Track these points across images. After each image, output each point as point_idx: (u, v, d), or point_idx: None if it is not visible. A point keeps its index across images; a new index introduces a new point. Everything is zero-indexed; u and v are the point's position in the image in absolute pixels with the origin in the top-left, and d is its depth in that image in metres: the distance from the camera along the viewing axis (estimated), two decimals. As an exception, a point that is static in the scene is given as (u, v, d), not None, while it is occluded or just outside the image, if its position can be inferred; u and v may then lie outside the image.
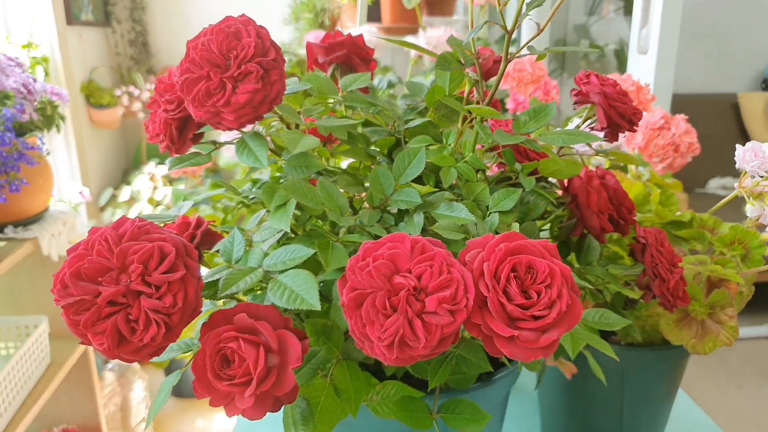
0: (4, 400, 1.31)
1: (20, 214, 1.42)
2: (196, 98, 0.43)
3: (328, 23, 2.40)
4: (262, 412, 0.37)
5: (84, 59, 2.97)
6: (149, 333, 0.35)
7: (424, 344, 0.36)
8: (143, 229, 0.37)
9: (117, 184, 3.14)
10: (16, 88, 1.31)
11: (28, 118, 1.33)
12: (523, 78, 1.07)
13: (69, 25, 2.83)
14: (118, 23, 3.31)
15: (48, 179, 1.48)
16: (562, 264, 0.39)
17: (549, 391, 0.85)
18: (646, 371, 0.75)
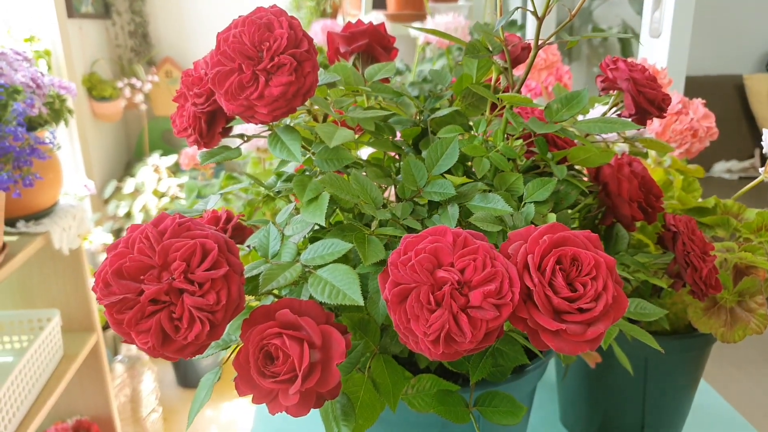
0: (21, 393, 1.31)
1: (31, 209, 1.41)
2: (229, 91, 0.42)
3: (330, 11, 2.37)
4: (307, 409, 0.37)
5: (85, 52, 2.95)
6: (193, 331, 0.34)
7: (470, 339, 0.35)
8: (184, 226, 0.36)
9: (120, 177, 3.13)
10: (25, 83, 1.30)
11: (38, 112, 1.32)
12: (537, 64, 1.06)
13: (70, 18, 2.81)
14: (118, 15, 3.28)
15: (58, 173, 1.47)
16: (606, 255, 0.39)
17: (569, 380, 0.85)
18: (670, 360, 0.74)
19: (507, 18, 0.50)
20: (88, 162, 2.83)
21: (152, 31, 3.48)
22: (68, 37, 2.71)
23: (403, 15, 1.60)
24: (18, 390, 1.30)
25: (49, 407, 1.39)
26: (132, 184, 2.87)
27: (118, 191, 2.92)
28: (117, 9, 3.30)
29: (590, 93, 0.60)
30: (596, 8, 3.15)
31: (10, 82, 1.24)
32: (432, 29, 0.53)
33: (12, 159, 1.07)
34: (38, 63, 2.54)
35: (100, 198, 2.96)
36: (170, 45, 3.47)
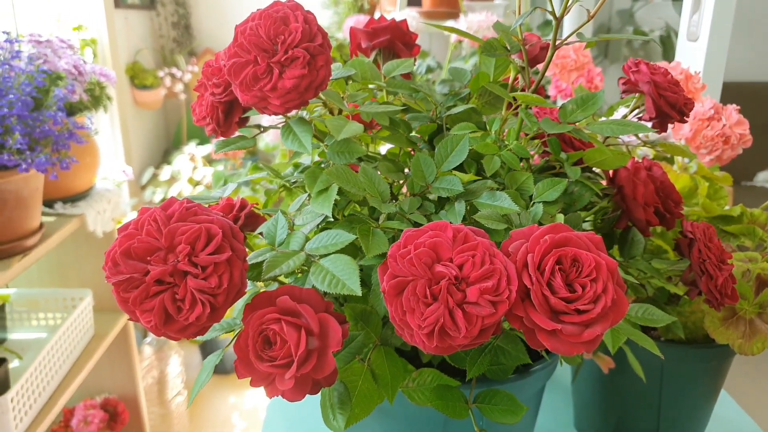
0: (52, 367, 1.36)
1: (68, 191, 1.46)
2: (244, 82, 0.43)
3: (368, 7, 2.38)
4: (302, 394, 0.38)
5: (129, 41, 3.03)
6: (195, 312, 0.35)
7: (464, 334, 0.36)
8: (191, 210, 0.37)
9: (158, 164, 3.21)
10: (67, 70, 1.35)
11: (78, 98, 1.37)
12: (566, 65, 1.04)
13: (116, 8, 2.89)
14: (163, 6, 3.36)
15: (95, 158, 1.52)
16: (608, 257, 0.38)
17: (583, 384, 0.84)
18: (687, 369, 0.73)
19: (524, 17, 0.49)
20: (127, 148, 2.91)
21: (194, 22, 3.55)
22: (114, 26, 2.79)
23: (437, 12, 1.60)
24: (49, 365, 1.35)
25: (78, 383, 1.44)
26: (168, 171, 2.94)
27: (155, 178, 3.00)
28: (161, 0, 3.37)
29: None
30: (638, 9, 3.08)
31: (53, 68, 1.29)
32: (449, 27, 0.53)
33: (51, 142, 1.11)
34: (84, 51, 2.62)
35: (138, 184, 3.04)
36: (211, 36, 3.54)
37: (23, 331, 1.52)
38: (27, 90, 1.07)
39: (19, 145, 1.03)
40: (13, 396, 1.19)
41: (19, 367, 1.30)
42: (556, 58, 1.06)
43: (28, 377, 1.25)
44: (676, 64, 1.01)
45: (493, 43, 0.51)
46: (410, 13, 1.43)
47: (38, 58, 1.26)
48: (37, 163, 1.03)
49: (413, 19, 1.47)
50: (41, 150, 1.07)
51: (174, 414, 2.15)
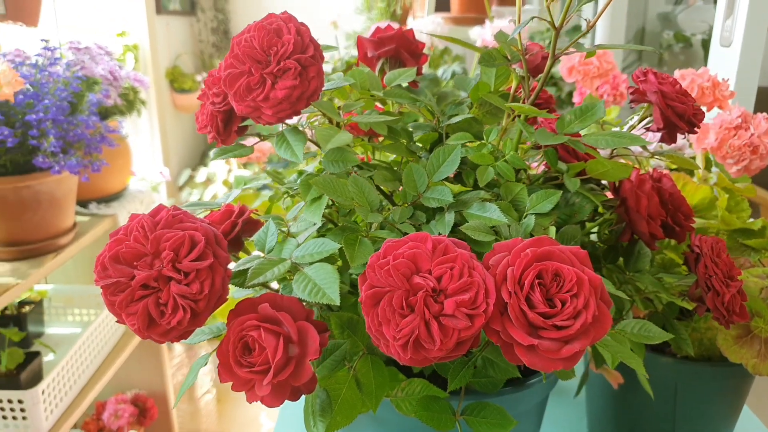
0: (83, 361, 1.41)
1: (103, 192, 1.52)
2: (237, 93, 0.44)
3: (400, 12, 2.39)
4: (280, 401, 0.38)
5: (170, 46, 3.12)
6: (176, 317, 0.36)
7: (439, 347, 0.36)
8: (177, 217, 0.39)
9: (195, 166, 3.29)
10: (104, 75, 1.40)
11: (113, 102, 1.42)
12: (588, 72, 1.03)
13: (158, 15, 2.98)
14: (203, 12, 3.44)
15: (128, 160, 1.57)
16: (592, 273, 0.38)
17: (597, 399, 0.82)
18: (702, 387, 0.71)
19: (522, 26, 0.49)
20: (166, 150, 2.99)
21: (232, 27, 3.63)
22: (155, 32, 2.88)
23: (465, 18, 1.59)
24: (80, 359, 1.40)
25: (108, 378, 1.48)
26: (204, 173, 3.01)
27: (192, 180, 3.07)
28: (202, 6, 3.46)
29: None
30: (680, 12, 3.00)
31: (90, 74, 1.34)
32: (448, 36, 0.53)
33: (84, 146, 1.15)
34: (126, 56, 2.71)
35: (176, 185, 3.12)
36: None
37: (59, 326, 1.58)
38: (63, 95, 1.12)
39: (53, 148, 1.07)
40: (44, 388, 1.24)
41: (53, 361, 1.35)
42: (579, 65, 1.05)
43: (59, 371, 1.30)
44: (704, 71, 0.99)
45: (492, 53, 0.51)
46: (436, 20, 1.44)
47: (76, 65, 1.31)
48: (69, 166, 1.07)
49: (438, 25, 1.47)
50: (74, 153, 1.12)
51: (202, 411, 2.19)
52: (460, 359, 0.44)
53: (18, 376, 1.22)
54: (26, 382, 1.23)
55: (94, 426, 1.77)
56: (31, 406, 1.21)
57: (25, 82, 1.07)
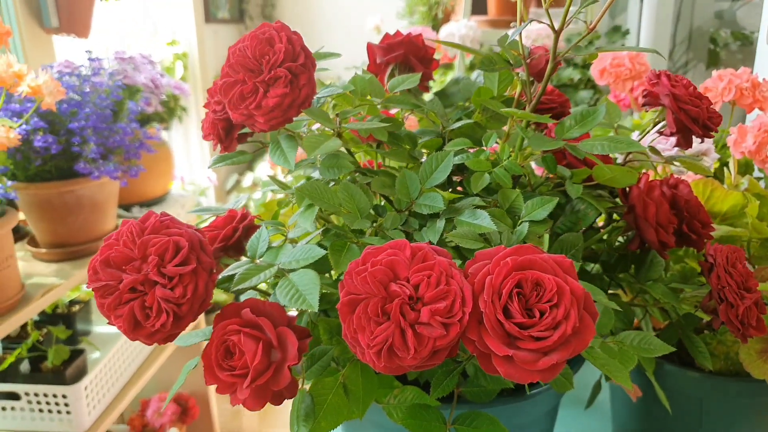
0: (125, 360, 1.47)
1: (145, 196, 1.57)
2: (232, 101, 0.45)
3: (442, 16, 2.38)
4: (261, 404, 0.39)
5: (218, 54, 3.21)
6: (160, 320, 0.38)
7: (413, 355, 0.35)
8: (164, 223, 0.40)
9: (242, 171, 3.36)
10: (145, 83, 1.45)
11: (154, 109, 1.47)
12: (620, 74, 0.99)
13: (207, 23, 3.07)
14: (251, 20, 3.53)
15: (170, 165, 1.62)
16: (574, 282, 0.37)
17: (622, 411, 0.79)
18: (728, 403, 0.67)
19: (520, 29, 0.48)
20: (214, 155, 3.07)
21: (280, 35, 3.69)
22: (204, 40, 2.97)
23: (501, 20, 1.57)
24: (123, 357, 1.46)
25: (150, 376, 1.54)
26: (250, 178, 3.08)
27: (238, 184, 3.15)
28: (250, 14, 3.54)
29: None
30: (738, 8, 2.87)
31: (132, 83, 1.39)
32: (443, 41, 0.53)
33: (123, 152, 1.20)
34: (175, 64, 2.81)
35: (223, 189, 3.20)
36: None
37: (106, 325, 1.64)
38: (104, 104, 1.17)
39: (93, 154, 1.12)
40: (87, 384, 1.29)
41: (98, 359, 1.41)
42: (610, 68, 1.02)
43: (102, 368, 1.36)
44: (743, 71, 0.94)
45: (492, 57, 0.51)
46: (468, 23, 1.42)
47: (119, 74, 1.37)
48: (107, 171, 1.12)
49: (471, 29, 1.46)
50: (113, 159, 1.16)
51: (244, 410, 2.24)
52: (444, 368, 0.43)
53: (63, 372, 1.28)
54: (71, 378, 1.29)
55: (139, 422, 1.84)
56: (75, 401, 1.27)
57: (68, 91, 1.12)
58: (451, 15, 2.43)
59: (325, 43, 3.59)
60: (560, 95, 0.65)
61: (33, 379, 1.28)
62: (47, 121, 1.12)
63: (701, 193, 0.73)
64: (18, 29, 1.65)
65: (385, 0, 3.10)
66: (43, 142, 1.07)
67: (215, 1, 3.22)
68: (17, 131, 1.00)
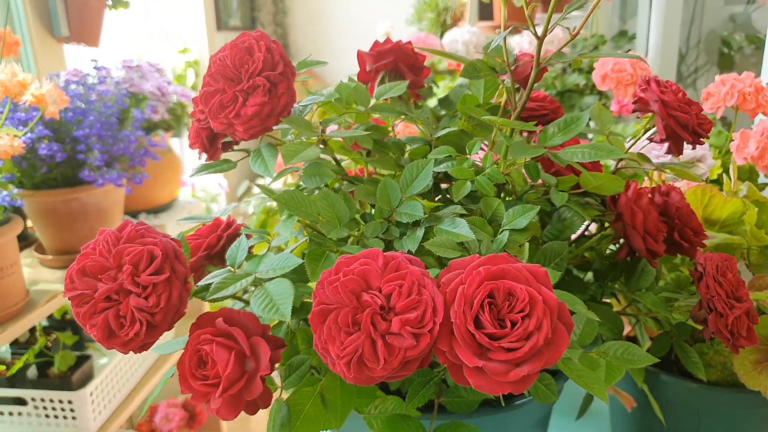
0: (131, 367, 1.48)
1: (153, 203, 1.59)
2: (212, 110, 0.46)
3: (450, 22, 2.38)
4: (234, 414, 0.39)
5: (229, 61, 3.23)
6: (133, 329, 0.38)
7: (382, 366, 0.35)
8: (140, 232, 0.40)
9: (254, 177, 3.38)
10: (152, 91, 1.47)
11: (160, 117, 1.49)
12: (622, 79, 0.98)
13: (218, 31, 3.10)
14: (263, 27, 3.55)
15: (177, 172, 1.64)
16: (548, 293, 0.36)
17: (620, 421, 0.78)
18: (726, 414, 0.66)
19: (502, 36, 0.48)
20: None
21: (291, 42, 3.73)
22: (215, 48, 3.00)
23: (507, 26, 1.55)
24: (129, 363, 1.47)
25: (155, 382, 1.54)
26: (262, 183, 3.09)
27: (249, 191, 3.16)
28: (262, 22, 3.57)
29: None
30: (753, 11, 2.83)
31: (138, 91, 1.41)
32: (432, 49, 0.53)
33: (127, 159, 1.22)
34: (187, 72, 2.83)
35: (234, 196, 3.22)
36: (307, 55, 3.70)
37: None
38: (109, 112, 1.18)
39: (98, 162, 1.13)
40: (93, 390, 1.30)
41: (104, 364, 1.42)
42: (611, 73, 1.01)
43: (107, 374, 1.37)
44: (746, 75, 0.93)
45: (476, 65, 0.50)
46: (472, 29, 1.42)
47: (126, 82, 1.39)
48: (111, 178, 1.13)
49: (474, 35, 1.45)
50: (118, 166, 1.18)
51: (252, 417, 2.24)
52: (422, 377, 0.43)
53: (69, 378, 1.30)
54: (77, 384, 1.30)
55: (147, 428, 1.85)
56: (80, 406, 1.28)
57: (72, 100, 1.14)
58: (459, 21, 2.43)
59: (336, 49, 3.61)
60: (552, 101, 0.64)
61: (39, 384, 1.30)
62: (53, 129, 1.14)
63: (699, 199, 0.72)
64: (30, 39, 1.68)
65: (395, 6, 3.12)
66: (47, 150, 1.08)
67: (227, 9, 3.25)
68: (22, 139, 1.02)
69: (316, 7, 3.65)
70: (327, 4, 3.62)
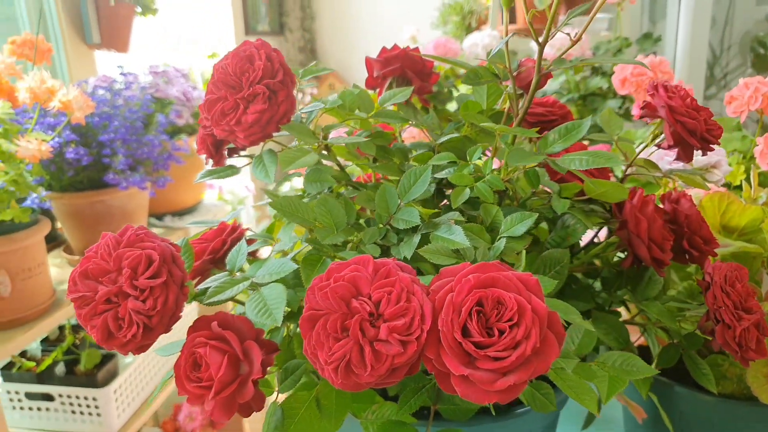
0: (155, 365, 1.51)
1: (178, 205, 1.62)
2: (214, 117, 0.47)
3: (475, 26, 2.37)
4: (228, 416, 0.39)
5: (258, 66, 3.28)
6: (131, 331, 0.39)
7: (369, 372, 0.35)
8: (140, 237, 0.41)
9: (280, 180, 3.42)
10: (177, 96, 1.50)
11: (185, 122, 1.52)
12: (641, 83, 0.97)
13: (247, 35, 3.15)
14: (290, 32, 3.59)
15: (202, 176, 1.67)
16: (538, 301, 0.36)
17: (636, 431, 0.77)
18: (742, 429, 0.64)
19: (503, 42, 0.48)
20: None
21: (319, 47, 3.76)
22: (244, 53, 3.04)
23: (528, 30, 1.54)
24: (153, 362, 1.50)
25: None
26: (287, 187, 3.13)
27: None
28: (290, 27, 3.61)
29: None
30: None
31: (164, 96, 1.44)
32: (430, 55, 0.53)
33: (151, 163, 1.24)
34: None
35: (261, 199, 3.26)
36: (335, 59, 3.72)
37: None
38: (134, 116, 1.21)
39: (122, 165, 1.16)
40: (116, 388, 1.33)
41: (129, 363, 1.46)
42: (631, 77, 0.99)
43: (131, 372, 1.40)
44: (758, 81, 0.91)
45: (478, 71, 0.50)
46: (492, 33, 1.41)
47: (152, 87, 1.42)
48: (134, 182, 1.16)
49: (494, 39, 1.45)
50: (141, 170, 1.21)
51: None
52: (411, 385, 0.43)
53: (95, 375, 1.33)
54: (102, 381, 1.33)
55: (171, 426, 1.88)
56: (104, 403, 1.31)
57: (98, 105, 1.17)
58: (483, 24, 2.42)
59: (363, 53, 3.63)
60: (562, 107, 0.64)
61: (66, 381, 1.33)
62: (80, 133, 1.17)
63: (716, 206, 0.70)
64: (63, 45, 1.74)
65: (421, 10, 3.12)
66: (74, 154, 1.11)
67: (255, 14, 3.30)
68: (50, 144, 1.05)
69: (343, 12, 3.67)
70: (354, 9, 3.64)
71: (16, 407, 1.35)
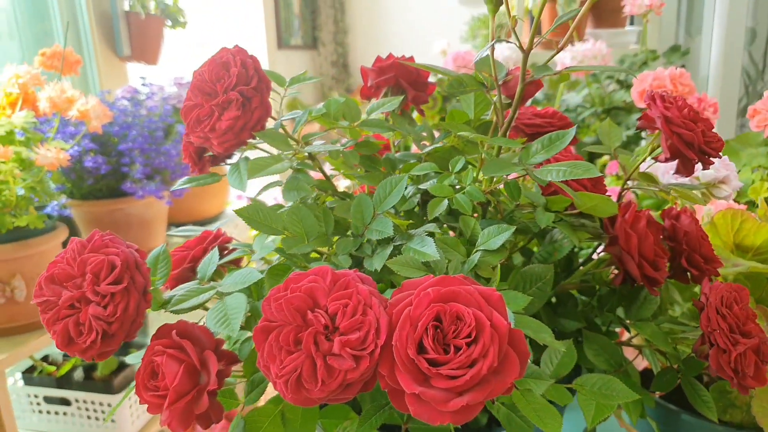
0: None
1: (199, 215, 1.64)
2: (190, 124, 0.46)
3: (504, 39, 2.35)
4: (185, 426, 0.38)
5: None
6: (90, 337, 0.38)
7: (320, 387, 0.34)
8: (105, 242, 0.41)
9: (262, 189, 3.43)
10: (201, 107, 1.52)
11: (207, 133, 1.54)
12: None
13: (279, 50, 3.19)
14: (323, 46, 3.64)
15: (225, 186, 1.69)
16: (499, 318, 0.34)
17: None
18: (751, 459, 0.60)
19: (485, 50, 0.46)
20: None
21: (351, 61, 3.79)
22: (276, 66, 3.08)
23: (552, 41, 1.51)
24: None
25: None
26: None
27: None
28: (323, 41, 3.65)
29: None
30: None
31: (186, 107, 1.46)
32: (425, 64, 0.52)
33: (168, 173, 1.26)
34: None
35: (289, 210, 3.29)
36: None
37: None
38: (153, 126, 1.24)
39: (139, 174, 1.18)
40: (132, 395, 1.35)
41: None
42: (650, 89, 0.96)
43: (147, 379, 1.41)
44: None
45: (462, 80, 0.49)
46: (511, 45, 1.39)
47: (174, 98, 1.45)
48: (150, 191, 1.18)
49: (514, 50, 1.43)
50: (158, 179, 1.22)
51: (294, 430, 2.25)
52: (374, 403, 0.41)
53: (111, 382, 1.35)
54: (118, 388, 1.35)
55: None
56: (119, 410, 1.32)
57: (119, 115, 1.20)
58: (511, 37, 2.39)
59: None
60: (562, 118, 0.62)
61: (84, 386, 1.35)
62: (99, 142, 1.20)
63: (729, 224, 0.66)
64: (95, 57, 1.79)
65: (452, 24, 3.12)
66: (93, 163, 1.14)
67: (289, 29, 3.35)
68: (69, 152, 1.08)
69: (376, 26, 3.70)
70: (386, 23, 3.67)
71: (35, 410, 1.38)
